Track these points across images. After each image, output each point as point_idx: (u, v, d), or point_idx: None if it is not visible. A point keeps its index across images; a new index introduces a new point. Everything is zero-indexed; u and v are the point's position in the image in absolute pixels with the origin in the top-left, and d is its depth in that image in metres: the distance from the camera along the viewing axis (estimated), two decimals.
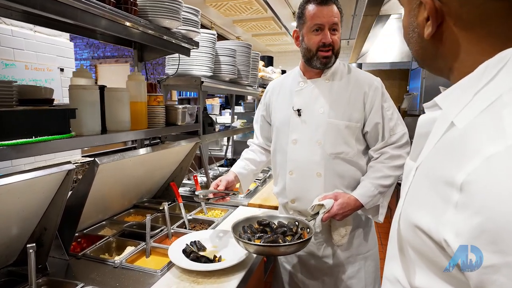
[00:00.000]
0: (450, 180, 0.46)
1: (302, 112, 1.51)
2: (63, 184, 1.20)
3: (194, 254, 1.36)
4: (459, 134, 0.49)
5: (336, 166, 1.48)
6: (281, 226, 1.37)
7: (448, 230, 0.45)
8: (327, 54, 1.43)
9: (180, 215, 1.86)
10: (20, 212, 1.15)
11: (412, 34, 0.60)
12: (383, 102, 1.47)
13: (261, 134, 1.80)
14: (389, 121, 1.46)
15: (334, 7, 1.40)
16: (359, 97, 1.46)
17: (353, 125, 1.46)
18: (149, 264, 1.44)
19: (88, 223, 1.71)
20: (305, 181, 1.51)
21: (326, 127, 1.46)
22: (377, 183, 1.42)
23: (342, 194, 1.43)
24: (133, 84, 1.56)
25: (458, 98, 0.53)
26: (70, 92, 1.29)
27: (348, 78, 1.50)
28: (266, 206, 2.10)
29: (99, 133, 1.35)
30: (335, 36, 1.42)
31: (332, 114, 1.46)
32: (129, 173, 1.73)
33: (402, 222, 0.59)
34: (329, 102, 1.48)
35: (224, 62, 2.46)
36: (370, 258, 1.60)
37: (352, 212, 1.42)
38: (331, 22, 1.40)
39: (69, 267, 1.36)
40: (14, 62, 2.90)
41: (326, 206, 1.37)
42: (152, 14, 1.58)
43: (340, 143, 1.46)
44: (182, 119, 1.90)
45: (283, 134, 1.57)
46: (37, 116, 1.09)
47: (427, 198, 0.51)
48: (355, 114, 1.46)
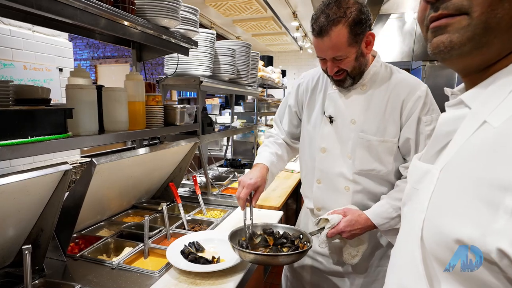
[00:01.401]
0: (502, 183, 0.41)
1: (334, 120, 1.38)
2: (59, 184, 1.19)
3: (192, 255, 1.34)
4: (497, 133, 0.45)
5: (366, 183, 1.36)
6: (283, 237, 1.34)
7: (503, 239, 0.40)
8: (339, 78, 1.30)
9: (179, 215, 1.85)
10: (16, 213, 1.14)
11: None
12: (423, 115, 1.27)
13: (288, 129, 1.64)
14: (427, 137, 1.26)
15: (334, 37, 1.18)
16: (396, 106, 1.29)
17: (389, 141, 1.30)
18: (147, 265, 1.43)
19: (87, 223, 1.69)
20: (332, 193, 1.42)
21: (356, 141, 1.33)
22: (397, 205, 1.27)
23: (353, 210, 1.32)
24: (131, 83, 1.55)
25: (491, 96, 0.49)
26: (67, 92, 1.28)
27: (388, 84, 1.32)
28: (266, 206, 2.09)
29: (96, 133, 1.34)
30: (342, 63, 1.25)
31: (365, 127, 1.32)
32: (127, 173, 1.71)
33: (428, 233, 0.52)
34: (363, 112, 1.32)
35: (224, 61, 2.45)
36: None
37: (362, 231, 1.30)
38: (329, 56, 1.24)
39: (67, 268, 1.35)
40: (12, 62, 2.89)
41: (331, 221, 1.30)
42: (150, 13, 1.56)
43: (371, 160, 1.33)
44: (180, 119, 1.89)
45: (313, 139, 1.46)
46: (33, 116, 1.07)
47: (464, 204, 0.46)
48: (391, 128, 1.30)
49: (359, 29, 1.20)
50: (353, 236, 1.31)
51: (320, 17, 1.19)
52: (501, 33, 0.48)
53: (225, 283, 1.23)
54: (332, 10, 1.18)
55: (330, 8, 1.18)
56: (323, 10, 1.20)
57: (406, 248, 0.59)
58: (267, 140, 1.67)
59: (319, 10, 1.22)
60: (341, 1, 1.19)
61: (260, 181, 1.38)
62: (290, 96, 1.62)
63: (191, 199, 2.19)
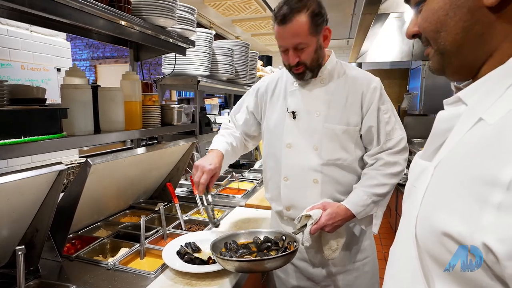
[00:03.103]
0: (492, 178, 0.41)
1: (297, 115, 1.43)
2: (54, 185, 1.18)
3: (188, 256, 1.33)
4: (492, 129, 0.45)
5: (334, 173, 1.41)
6: (266, 241, 1.29)
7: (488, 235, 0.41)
8: (299, 71, 1.36)
9: (176, 215, 1.84)
10: (11, 214, 1.13)
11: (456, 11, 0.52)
12: (381, 104, 1.38)
13: (243, 125, 1.67)
14: (386, 124, 1.37)
15: (296, 24, 1.26)
16: (356, 98, 1.38)
17: (352, 129, 1.38)
18: (143, 266, 1.42)
19: (83, 224, 1.69)
20: (301, 188, 1.44)
21: (322, 132, 1.39)
22: (371, 192, 1.34)
23: (331, 203, 1.34)
24: (128, 83, 1.55)
25: (487, 93, 0.49)
26: (62, 92, 1.27)
27: (346, 79, 1.42)
28: (263, 206, 2.07)
29: (91, 133, 1.33)
30: (303, 53, 1.31)
31: (329, 118, 1.38)
32: (124, 173, 1.71)
33: (421, 229, 0.53)
34: (325, 104, 1.39)
35: (222, 61, 2.44)
36: (369, 264, 1.53)
37: (343, 222, 1.33)
38: (292, 44, 1.29)
39: (62, 269, 1.34)
40: (10, 62, 2.88)
41: (314, 217, 1.28)
42: (146, 12, 1.56)
43: (337, 149, 1.39)
44: (178, 119, 1.88)
45: (277, 138, 1.49)
46: (27, 116, 1.07)
47: (456, 200, 0.47)
48: (353, 117, 1.38)
49: (319, 19, 1.29)
50: (334, 229, 1.33)
51: (283, 7, 1.27)
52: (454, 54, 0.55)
53: (220, 284, 1.22)
54: (294, 1, 1.27)
55: (291, 0, 1.28)
56: (285, 1, 1.28)
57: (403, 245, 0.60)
58: (223, 130, 1.69)
59: (282, 2, 1.30)
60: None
61: (218, 168, 1.44)
62: (248, 97, 1.67)
63: (188, 199, 2.18)
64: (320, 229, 1.30)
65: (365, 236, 1.53)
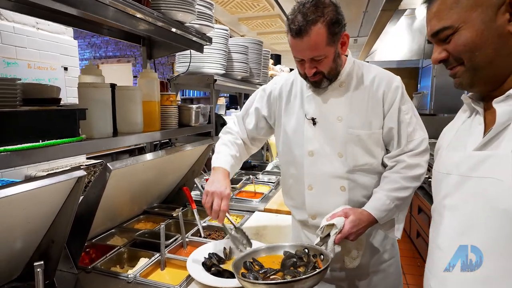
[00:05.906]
0: None
1: (317, 121, 1.34)
2: (72, 192, 1.09)
3: (215, 268, 1.24)
4: None
5: (360, 178, 1.33)
6: (290, 257, 1.18)
7: None
8: (316, 79, 1.28)
9: (192, 221, 1.75)
10: (25, 225, 1.04)
11: (488, 37, 0.69)
12: (402, 105, 1.31)
13: (252, 130, 1.54)
14: (407, 126, 1.30)
15: (313, 36, 1.16)
16: (378, 99, 1.31)
17: (376, 133, 1.31)
18: (165, 278, 1.33)
19: (97, 231, 1.59)
20: (327, 196, 1.36)
21: (346, 138, 1.31)
22: (393, 196, 1.26)
23: (353, 210, 1.26)
24: (145, 82, 1.45)
25: None
26: (79, 91, 1.17)
27: (365, 79, 1.34)
28: (283, 211, 1.98)
29: (110, 136, 1.23)
30: (320, 64, 1.23)
31: (352, 123, 1.31)
32: (140, 177, 1.61)
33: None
34: (347, 109, 1.31)
35: (237, 59, 2.34)
36: (393, 265, 1.47)
37: (366, 229, 1.25)
38: (308, 56, 1.21)
39: (78, 281, 1.25)
40: (16, 61, 2.78)
41: (338, 225, 1.18)
42: (165, 6, 1.46)
43: (362, 154, 1.32)
44: (195, 120, 1.78)
45: (296, 145, 1.40)
46: (44, 118, 0.97)
47: None
48: (375, 120, 1.31)
49: (336, 28, 1.19)
50: (357, 236, 1.24)
51: (298, 17, 1.16)
52: (486, 68, 0.72)
53: None
54: (310, 9, 1.16)
55: (307, 8, 1.16)
56: (300, 10, 1.17)
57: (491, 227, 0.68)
58: (225, 137, 1.55)
59: (296, 10, 1.19)
60: (317, 1, 1.17)
61: (230, 189, 1.35)
62: (260, 100, 1.53)
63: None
64: (345, 238, 1.21)
65: (387, 239, 1.46)
